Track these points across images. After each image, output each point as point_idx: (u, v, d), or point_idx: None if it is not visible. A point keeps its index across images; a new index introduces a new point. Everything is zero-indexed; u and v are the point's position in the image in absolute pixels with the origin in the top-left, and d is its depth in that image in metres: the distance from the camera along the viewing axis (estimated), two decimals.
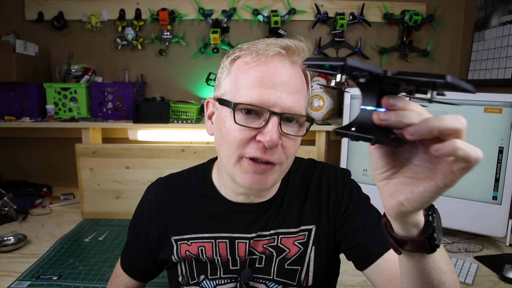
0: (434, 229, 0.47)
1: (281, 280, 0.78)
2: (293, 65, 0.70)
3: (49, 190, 1.94)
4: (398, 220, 0.46)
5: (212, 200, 0.81)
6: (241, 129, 0.68)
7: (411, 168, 0.43)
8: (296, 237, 0.79)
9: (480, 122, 1.36)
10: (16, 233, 1.45)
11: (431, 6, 1.94)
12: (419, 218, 0.47)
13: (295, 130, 0.70)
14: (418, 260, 0.50)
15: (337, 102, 1.96)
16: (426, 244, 0.47)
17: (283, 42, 0.70)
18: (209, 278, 0.79)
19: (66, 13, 1.95)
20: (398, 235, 0.49)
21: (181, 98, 2.01)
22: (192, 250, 0.80)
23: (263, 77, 0.67)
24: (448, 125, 0.37)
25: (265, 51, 0.68)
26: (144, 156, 1.65)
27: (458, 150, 0.36)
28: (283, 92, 0.67)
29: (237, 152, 0.69)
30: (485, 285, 1.17)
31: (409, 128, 0.38)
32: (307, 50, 0.72)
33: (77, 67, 1.93)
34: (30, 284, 1.15)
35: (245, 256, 0.78)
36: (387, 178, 0.45)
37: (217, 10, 1.94)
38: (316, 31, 1.98)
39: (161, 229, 0.83)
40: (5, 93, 1.81)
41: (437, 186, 0.40)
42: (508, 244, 1.41)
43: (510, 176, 1.33)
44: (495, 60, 1.69)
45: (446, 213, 1.45)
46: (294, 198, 0.81)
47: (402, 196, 0.43)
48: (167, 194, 0.85)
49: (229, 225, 0.79)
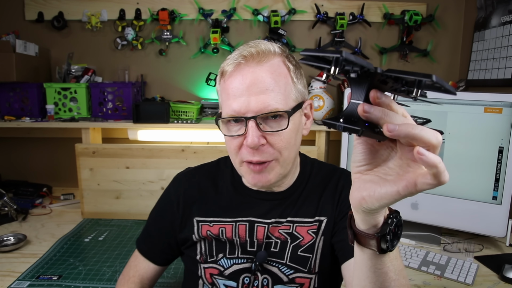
0: (389, 232, 0.49)
1: (293, 266, 0.82)
2: (258, 67, 0.75)
3: (49, 190, 1.94)
4: (359, 213, 0.50)
5: (236, 189, 0.89)
6: (230, 139, 0.78)
7: (384, 169, 0.46)
8: (310, 226, 0.84)
9: (480, 122, 1.36)
10: (16, 233, 1.45)
11: (431, 6, 1.94)
12: (379, 218, 0.50)
13: (277, 125, 0.75)
14: (368, 257, 0.53)
15: (337, 102, 1.96)
16: (376, 243, 0.49)
17: (244, 51, 0.76)
18: (227, 257, 0.85)
19: (66, 13, 1.95)
20: (357, 228, 0.52)
21: (181, 98, 2.01)
22: (213, 230, 0.86)
23: (232, 88, 0.75)
24: (426, 137, 0.38)
25: (227, 65, 0.77)
26: (144, 156, 1.65)
27: (434, 164, 0.38)
28: (251, 96, 0.73)
29: (236, 158, 0.79)
30: (485, 285, 1.17)
31: (389, 125, 0.39)
32: (270, 45, 0.78)
33: (77, 67, 1.93)
34: (30, 284, 1.15)
35: (263, 239, 0.84)
36: (360, 172, 0.48)
37: (217, 10, 1.94)
38: (316, 31, 1.98)
39: (186, 210, 0.90)
40: (5, 93, 1.81)
41: (397, 192, 0.43)
42: (508, 244, 1.41)
43: (510, 176, 1.33)
44: (495, 60, 1.68)
45: (446, 213, 1.45)
46: (311, 194, 0.87)
47: (365, 192, 0.46)
48: (196, 179, 0.93)
49: (251, 210, 0.86)
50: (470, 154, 1.38)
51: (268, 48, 0.77)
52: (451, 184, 1.41)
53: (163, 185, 1.64)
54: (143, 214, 1.65)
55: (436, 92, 0.41)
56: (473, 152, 1.37)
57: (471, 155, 1.37)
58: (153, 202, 0.99)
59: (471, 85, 1.85)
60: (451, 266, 1.25)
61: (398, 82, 0.41)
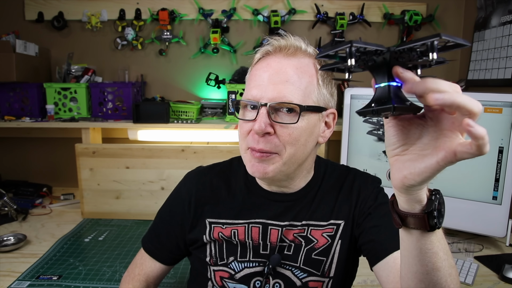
0: (435, 207, 0.50)
1: (307, 269, 0.81)
2: (285, 59, 0.76)
3: (49, 190, 1.94)
4: (403, 193, 0.50)
5: (249, 190, 0.87)
6: (242, 123, 0.77)
7: (419, 146, 0.47)
8: (324, 229, 0.83)
9: (480, 122, 1.35)
10: (16, 233, 1.45)
11: (431, 6, 1.94)
12: (422, 195, 0.50)
13: (289, 119, 0.74)
14: (416, 238, 0.52)
15: (337, 102, 1.96)
16: (425, 220, 0.49)
17: (275, 41, 0.78)
18: (238, 260, 0.83)
19: (66, 13, 1.95)
20: (402, 210, 0.52)
21: (181, 98, 2.01)
22: (225, 232, 0.84)
23: (256, 75, 0.77)
24: (469, 105, 0.39)
25: (258, 53, 0.79)
26: (144, 156, 1.65)
27: (483, 136, 0.39)
28: (270, 84, 0.74)
29: (243, 144, 0.78)
30: (485, 285, 1.17)
31: (435, 94, 0.40)
32: (303, 43, 0.79)
33: (77, 67, 1.93)
34: (30, 284, 1.15)
35: (277, 242, 0.82)
36: (397, 154, 0.49)
37: (217, 10, 1.94)
38: (316, 31, 1.98)
39: (197, 211, 0.88)
40: (5, 93, 1.81)
41: (437, 163, 0.44)
42: (508, 244, 1.41)
43: (510, 176, 1.33)
44: (495, 60, 1.69)
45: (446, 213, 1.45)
46: (326, 196, 0.85)
47: (406, 170, 0.47)
48: (208, 179, 0.91)
49: (264, 212, 0.84)
50: None
51: (299, 45, 0.78)
52: (451, 184, 1.41)
53: (163, 185, 1.64)
54: (143, 214, 1.65)
55: (450, 50, 0.43)
56: None
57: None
58: (153, 202, 0.98)
59: (471, 85, 1.85)
60: None
61: (413, 54, 0.43)
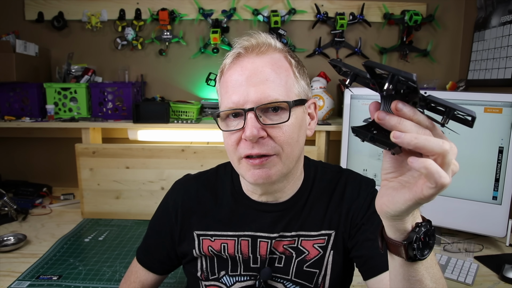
0: (416, 239, 0.49)
1: (299, 281, 0.79)
2: (258, 58, 0.72)
3: (49, 190, 1.94)
4: (384, 219, 0.51)
5: (237, 199, 0.84)
6: (228, 135, 0.73)
7: (406, 177, 0.48)
8: (315, 240, 0.80)
9: (480, 122, 1.35)
10: (16, 233, 1.45)
11: (431, 6, 1.94)
12: (405, 225, 0.50)
13: (278, 118, 0.71)
14: (399, 264, 0.53)
15: (337, 102, 1.96)
16: (404, 250, 0.50)
17: (244, 42, 0.74)
18: (229, 275, 0.81)
19: (66, 13, 1.95)
20: (386, 235, 0.53)
21: (181, 98, 2.01)
22: (215, 246, 0.82)
23: (231, 81, 0.72)
24: (428, 145, 0.40)
25: (227, 58, 0.74)
26: (144, 156, 1.65)
27: (423, 169, 0.40)
28: (250, 86, 0.69)
29: (234, 155, 0.74)
30: (485, 285, 1.17)
31: (396, 132, 0.41)
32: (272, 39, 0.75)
33: (77, 67, 1.93)
34: (30, 284, 1.15)
35: (266, 255, 0.80)
36: (387, 179, 0.49)
37: (217, 10, 1.94)
38: (316, 31, 1.98)
39: (185, 223, 0.86)
40: (5, 93, 1.81)
41: (408, 198, 0.44)
42: (508, 244, 1.41)
43: (510, 176, 1.33)
44: (495, 60, 1.68)
45: (446, 213, 1.45)
46: (317, 202, 0.82)
47: (386, 197, 0.48)
48: (194, 189, 0.88)
49: (253, 224, 0.81)
50: (470, 154, 1.37)
51: (269, 41, 0.74)
52: (451, 184, 1.41)
53: (163, 185, 1.64)
54: (143, 214, 1.65)
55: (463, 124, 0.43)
56: (473, 152, 1.37)
57: (471, 155, 1.37)
58: (153, 202, 0.98)
59: (471, 85, 1.85)
60: (451, 266, 1.25)
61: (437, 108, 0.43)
